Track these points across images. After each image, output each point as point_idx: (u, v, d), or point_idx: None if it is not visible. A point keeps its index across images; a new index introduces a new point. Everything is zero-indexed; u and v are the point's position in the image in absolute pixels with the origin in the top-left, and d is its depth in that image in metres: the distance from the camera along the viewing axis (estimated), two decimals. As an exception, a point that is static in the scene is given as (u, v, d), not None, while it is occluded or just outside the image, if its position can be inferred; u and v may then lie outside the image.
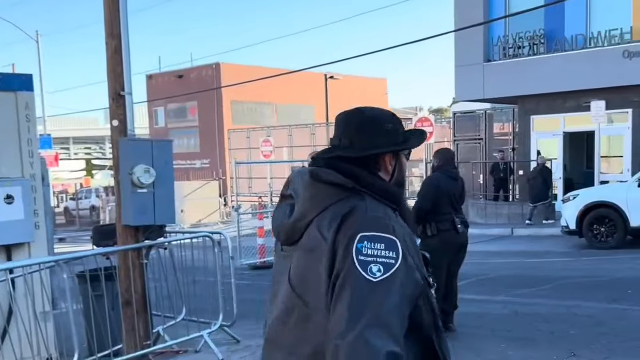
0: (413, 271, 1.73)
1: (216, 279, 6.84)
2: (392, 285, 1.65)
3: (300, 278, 1.79)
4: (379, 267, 1.65)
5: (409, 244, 1.77)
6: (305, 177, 1.88)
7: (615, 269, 9.95)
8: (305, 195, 1.85)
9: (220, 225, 22.64)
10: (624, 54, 16.15)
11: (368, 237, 1.69)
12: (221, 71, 33.18)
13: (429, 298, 1.83)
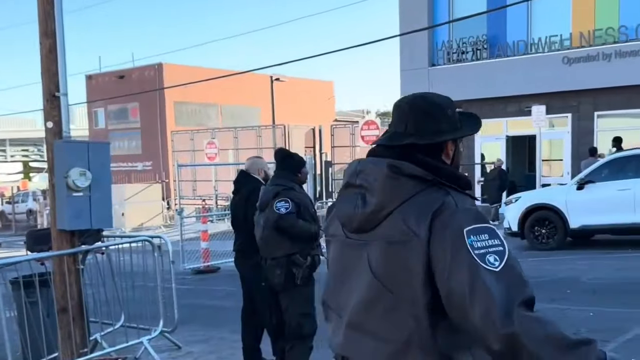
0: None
1: (156, 284, 6.68)
2: (512, 269, 1.72)
3: (385, 269, 1.83)
4: (494, 257, 1.72)
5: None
6: (383, 168, 1.88)
7: (555, 270, 10.12)
8: (385, 187, 1.87)
9: (163, 229, 22.21)
10: (564, 60, 16.56)
11: (472, 231, 1.74)
12: (164, 72, 32.63)
13: None
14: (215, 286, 10.92)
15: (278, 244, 4.88)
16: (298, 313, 4.90)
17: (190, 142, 29.68)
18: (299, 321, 4.90)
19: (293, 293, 4.90)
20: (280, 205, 4.82)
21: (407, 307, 1.79)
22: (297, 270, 4.83)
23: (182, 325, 7.03)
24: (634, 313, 7.11)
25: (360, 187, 1.93)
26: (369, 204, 1.88)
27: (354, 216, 1.92)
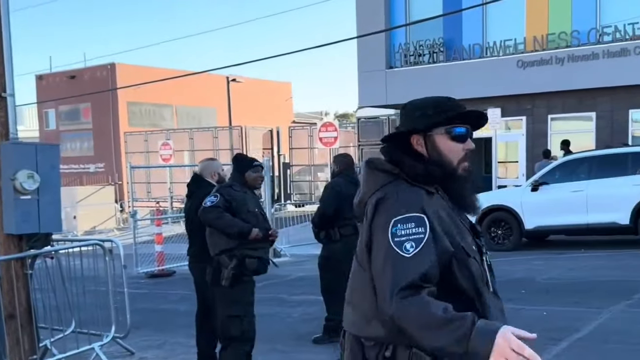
0: (442, 239, 2.02)
1: (107, 288, 6.51)
2: (420, 256, 1.95)
3: (359, 249, 2.16)
4: (411, 244, 1.96)
5: (444, 217, 2.07)
6: (364, 163, 2.23)
7: (511, 270, 10.22)
8: (366, 180, 2.20)
9: (117, 232, 21.77)
10: (518, 63, 16.80)
11: (400, 220, 2.00)
12: (117, 72, 32.06)
13: (466, 265, 2.07)
14: (170, 290, 10.72)
15: (213, 243, 4.90)
16: (224, 314, 4.87)
17: (144, 144, 29.24)
18: (225, 323, 4.87)
19: (219, 293, 4.89)
20: (208, 199, 4.88)
21: (370, 282, 2.05)
22: (223, 270, 4.80)
23: (136, 331, 6.90)
24: (585, 312, 7.22)
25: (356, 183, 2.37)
26: (358, 195, 2.23)
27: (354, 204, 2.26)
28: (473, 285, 2.08)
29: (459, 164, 2.18)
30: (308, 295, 9.41)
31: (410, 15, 18.75)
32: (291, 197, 24.84)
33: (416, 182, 2.11)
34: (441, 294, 2.00)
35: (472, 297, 2.08)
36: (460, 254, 2.07)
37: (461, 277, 2.06)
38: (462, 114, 2.19)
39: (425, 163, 2.16)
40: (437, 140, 2.17)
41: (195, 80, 29.67)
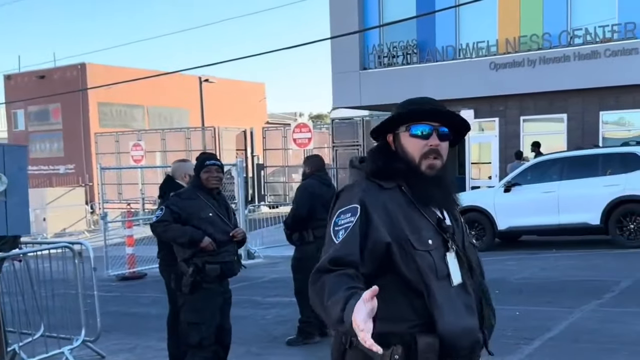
0: (376, 230, 2.13)
1: (77, 291, 6.43)
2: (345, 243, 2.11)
3: None
4: (343, 232, 2.13)
5: (391, 209, 2.18)
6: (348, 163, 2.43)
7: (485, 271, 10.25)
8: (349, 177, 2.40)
9: (87, 234, 21.49)
10: (491, 65, 16.93)
11: (342, 212, 2.18)
12: (87, 72, 31.68)
13: (412, 258, 2.14)
14: (142, 293, 10.60)
15: (176, 251, 4.89)
16: (185, 321, 4.84)
17: (115, 144, 28.87)
18: (185, 329, 4.84)
19: (182, 299, 4.85)
20: (156, 214, 4.95)
21: None
22: (184, 277, 4.77)
23: (106, 334, 6.81)
24: (557, 311, 7.27)
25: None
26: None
27: None
28: (420, 278, 2.13)
29: (421, 160, 2.25)
30: (282, 297, 9.36)
31: (384, 16, 18.80)
32: (265, 199, 24.72)
33: (375, 177, 2.24)
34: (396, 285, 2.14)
35: (421, 289, 2.14)
36: (406, 246, 2.14)
37: (406, 269, 2.13)
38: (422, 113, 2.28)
39: (389, 160, 2.27)
40: (401, 137, 2.29)
41: (167, 81, 29.44)
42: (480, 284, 2.33)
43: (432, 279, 2.14)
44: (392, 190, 2.23)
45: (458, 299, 2.19)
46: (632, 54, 15.20)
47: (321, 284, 2.06)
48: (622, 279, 8.82)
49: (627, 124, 16.69)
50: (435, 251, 2.19)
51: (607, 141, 15.77)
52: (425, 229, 2.20)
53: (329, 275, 2.06)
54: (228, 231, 4.91)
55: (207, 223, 4.81)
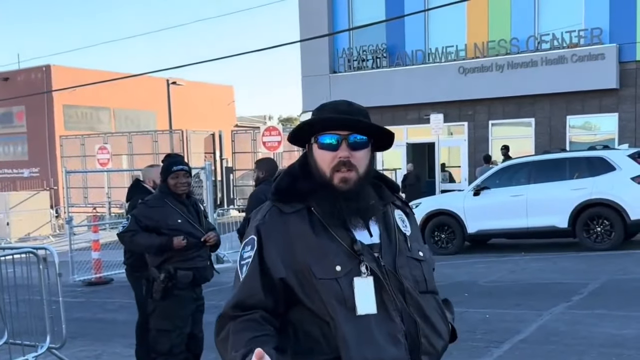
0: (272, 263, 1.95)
1: (42, 297, 6.25)
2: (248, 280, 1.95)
3: None
4: (245, 268, 1.97)
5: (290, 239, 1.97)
6: None
7: (454, 274, 10.30)
8: None
9: (52, 239, 21.08)
10: (460, 70, 17.05)
11: (245, 244, 2.03)
12: (52, 74, 31.14)
13: (314, 289, 1.93)
14: (108, 298, 10.40)
15: (149, 256, 4.79)
16: (155, 328, 4.73)
17: (80, 147, 28.43)
18: (155, 337, 4.73)
19: (152, 306, 4.74)
20: (122, 224, 4.90)
21: None
22: (155, 283, 4.67)
23: (72, 341, 6.65)
24: (527, 314, 7.32)
25: None
26: None
27: None
28: (325, 310, 1.92)
29: (332, 174, 1.98)
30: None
31: (354, 20, 18.85)
32: (234, 202, 24.55)
33: (277, 201, 2.03)
34: (303, 316, 1.95)
35: (327, 320, 1.93)
36: (308, 276, 1.92)
37: (308, 301, 1.93)
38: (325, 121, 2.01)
39: (295, 178, 2.05)
40: (313, 149, 2.04)
41: (134, 83, 29.11)
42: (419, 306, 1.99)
43: (338, 310, 1.91)
44: (296, 214, 2.00)
45: (376, 329, 1.92)
46: (599, 59, 15.46)
47: (225, 334, 1.92)
48: (589, 281, 8.91)
49: (593, 128, 16.96)
50: (344, 278, 1.94)
51: (573, 145, 16.01)
52: (333, 254, 1.95)
53: (233, 323, 1.91)
54: (199, 236, 4.78)
55: (176, 231, 4.67)
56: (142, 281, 4.84)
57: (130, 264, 5.42)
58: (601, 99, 15.94)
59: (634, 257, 10.75)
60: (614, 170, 11.53)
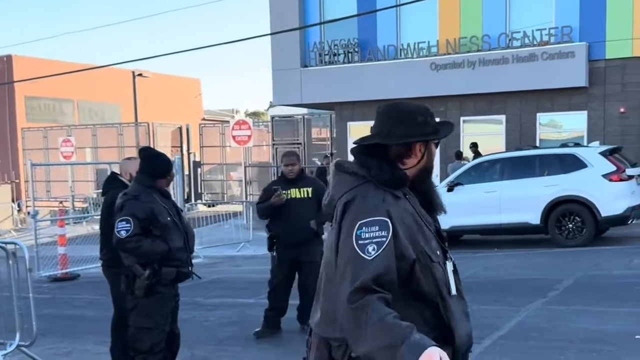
0: (404, 246, 2.07)
1: (11, 293, 6.08)
2: (380, 259, 2.02)
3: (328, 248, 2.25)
4: (373, 247, 2.04)
5: (409, 223, 2.12)
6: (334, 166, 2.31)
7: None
8: (334, 182, 2.29)
9: (14, 234, 20.57)
10: (431, 66, 17.06)
11: (365, 224, 2.07)
12: (13, 64, 30.46)
13: (430, 271, 2.12)
14: (76, 294, 10.20)
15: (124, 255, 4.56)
16: (134, 325, 4.57)
17: (43, 140, 27.88)
18: (134, 335, 4.57)
19: (132, 303, 4.57)
20: (121, 226, 4.44)
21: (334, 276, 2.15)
22: (137, 280, 4.48)
23: (42, 338, 6.45)
24: (505, 310, 7.33)
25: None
26: (327, 197, 2.31)
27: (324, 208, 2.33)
28: (437, 290, 2.13)
29: (432, 168, 2.37)
30: (225, 297, 9.16)
31: (325, 14, 18.72)
32: (202, 197, 24.27)
33: (384, 186, 2.17)
34: (407, 298, 2.09)
35: (437, 301, 2.14)
36: (424, 260, 2.11)
37: (425, 282, 2.10)
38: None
39: (394, 167, 2.22)
40: (431, 147, 2.32)
41: (99, 75, 28.58)
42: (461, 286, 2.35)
43: (444, 290, 2.16)
44: (403, 200, 2.18)
45: (458, 307, 2.21)
46: (569, 57, 15.60)
47: (364, 304, 1.97)
48: (564, 277, 8.97)
49: (561, 126, 17.14)
50: (441, 262, 2.19)
51: (543, 142, 16.15)
52: (432, 239, 2.19)
53: (372, 297, 1.98)
54: (183, 236, 4.68)
55: (167, 228, 4.54)
56: (122, 277, 4.62)
57: (108, 259, 5.21)
58: (571, 97, 16.11)
59: (605, 254, 10.88)
60: (585, 167, 11.65)
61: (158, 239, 4.48)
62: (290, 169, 6.55)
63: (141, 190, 4.57)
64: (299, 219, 6.39)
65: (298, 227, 6.38)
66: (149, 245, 4.45)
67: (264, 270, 11.53)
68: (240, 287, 10.02)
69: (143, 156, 4.72)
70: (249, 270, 12.12)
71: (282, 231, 6.48)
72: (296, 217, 6.40)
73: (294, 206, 6.45)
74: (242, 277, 11.22)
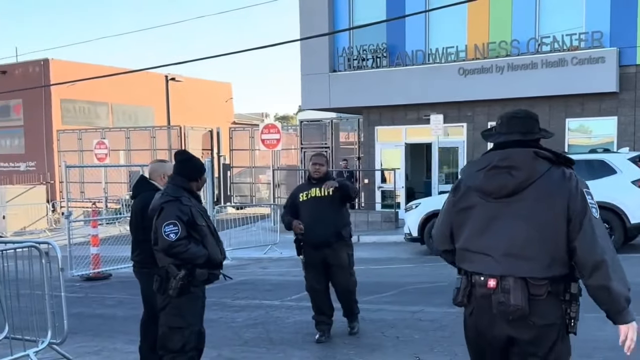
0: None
1: (44, 292, 6.20)
2: (599, 220, 2.96)
3: (536, 215, 2.91)
4: (595, 210, 2.93)
5: None
6: (530, 153, 2.97)
7: (453, 273, 10.22)
8: (531, 165, 2.96)
9: (48, 234, 21.01)
10: (460, 71, 17.02)
11: (587, 193, 2.94)
12: (50, 68, 31.01)
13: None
14: (107, 294, 10.37)
15: (162, 256, 4.62)
16: (166, 325, 4.63)
17: (78, 142, 28.42)
18: (166, 334, 4.62)
19: (165, 303, 4.63)
20: (169, 230, 4.44)
21: (553, 236, 2.89)
22: (171, 280, 4.54)
23: (72, 336, 6.57)
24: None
25: (507, 167, 2.96)
26: (518, 176, 2.94)
27: (509, 184, 2.95)
28: None
29: None
30: (251, 299, 9.25)
31: (354, 19, 18.80)
32: (231, 199, 24.52)
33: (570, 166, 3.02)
34: None
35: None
36: None
37: None
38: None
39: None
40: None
41: (133, 79, 29.01)
42: None
43: None
44: None
45: None
46: (599, 62, 15.45)
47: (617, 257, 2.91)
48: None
49: (591, 131, 16.96)
50: None
51: (572, 148, 16.01)
52: None
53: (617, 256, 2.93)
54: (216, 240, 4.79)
55: (204, 232, 4.62)
56: (155, 277, 4.68)
57: (140, 260, 5.31)
58: (601, 102, 15.95)
59: (633, 261, 10.71)
60: (614, 173, 11.54)
61: (200, 243, 4.56)
62: (317, 168, 6.69)
63: (180, 192, 4.63)
64: (320, 218, 6.49)
65: (319, 226, 6.45)
66: (195, 249, 4.51)
67: (290, 273, 11.72)
68: (266, 289, 10.14)
69: (180, 159, 4.80)
70: (276, 272, 12.25)
71: (305, 231, 6.54)
72: (317, 216, 6.51)
73: (314, 205, 6.57)
74: (269, 279, 11.34)
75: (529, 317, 2.89)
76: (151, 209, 4.69)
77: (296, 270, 12.34)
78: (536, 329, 2.91)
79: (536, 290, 2.86)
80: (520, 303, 2.87)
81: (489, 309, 2.95)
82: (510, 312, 2.89)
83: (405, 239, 13.56)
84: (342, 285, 6.71)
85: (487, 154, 3.10)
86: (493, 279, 2.92)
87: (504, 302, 2.88)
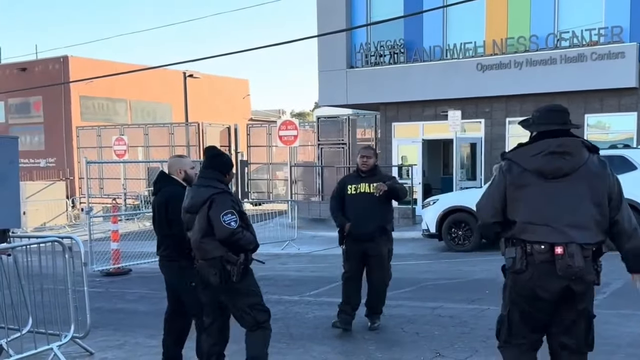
0: None
1: (66, 286, 6.26)
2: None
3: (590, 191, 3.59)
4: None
5: None
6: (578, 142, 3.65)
7: (472, 271, 10.27)
8: (580, 152, 3.63)
9: (68, 229, 21.24)
10: (478, 66, 16.95)
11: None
12: (69, 65, 31.31)
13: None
14: (128, 289, 10.49)
15: (214, 247, 4.72)
16: (246, 307, 4.81)
17: (97, 138, 28.68)
18: (250, 313, 4.82)
19: (233, 291, 4.79)
20: (229, 219, 4.63)
21: (600, 211, 3.58)
22: (232, 267, 4.70)
23: (94, 330, 6.65)
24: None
25: (562, 152, 3.58)
26: (571, 161, 3.58)
27: (564, 167, 3.57)
28: None
29: None
30: (270, 294, 9.28)
31: (372, 15, 18.78)
32: (249, 196, 24.64)
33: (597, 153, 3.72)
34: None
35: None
36: None
37: None
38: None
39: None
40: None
41: (151, 75, 29.25)
42: None
43: None
44: None
45: None
46: (619, 57, 15.31)
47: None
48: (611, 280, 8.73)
49: (609, 127, 16.83)
50: None
51: (591, 144, 15.87)
52: None
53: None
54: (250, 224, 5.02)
55: (249, 220, 4.90)
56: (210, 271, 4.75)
57: (168, 254, 5.34)
58: (620, 97, 15.82)
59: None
60: (635, 169, 11.46)
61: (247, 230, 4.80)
62: (364, 161, 6.75)
63: (221, 186, 4.82)
64: (366, 213, 6.57)
65: (365, 221, 6.54)
66: (249, 235, 4.77)
67: (308, 269, 11.77)
68: (285, 284, 10.19)
69: (210, 154, 4.96)
70: (294, 268, 12.31)
71: (350, 225, 6.64)
72: (363, 211, 6.59)
73: (362, 200, 6.63)
74: (287, 274, 11.39)
75: (585, 275, 3.54)
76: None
77: (314, 266, 12.43)
78: (586, 283, 3.59)
79: (587, 253, 3.52)
80: (582, 264, 3.50)
81: (551, 271, 3.53)
82: (574, 272, 3.50)
83: (423, 235, 13.56)
84: (378, 276, 6.81)
85: (537, 142, 3.64)
86: (560, 247, 3.51)
87: (571, 265, 3.48)
